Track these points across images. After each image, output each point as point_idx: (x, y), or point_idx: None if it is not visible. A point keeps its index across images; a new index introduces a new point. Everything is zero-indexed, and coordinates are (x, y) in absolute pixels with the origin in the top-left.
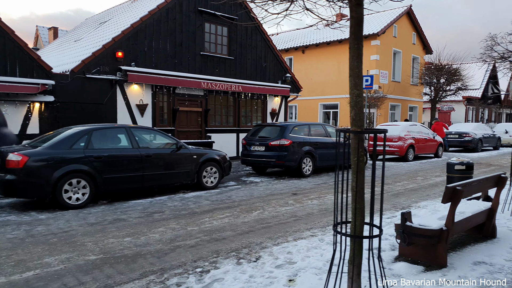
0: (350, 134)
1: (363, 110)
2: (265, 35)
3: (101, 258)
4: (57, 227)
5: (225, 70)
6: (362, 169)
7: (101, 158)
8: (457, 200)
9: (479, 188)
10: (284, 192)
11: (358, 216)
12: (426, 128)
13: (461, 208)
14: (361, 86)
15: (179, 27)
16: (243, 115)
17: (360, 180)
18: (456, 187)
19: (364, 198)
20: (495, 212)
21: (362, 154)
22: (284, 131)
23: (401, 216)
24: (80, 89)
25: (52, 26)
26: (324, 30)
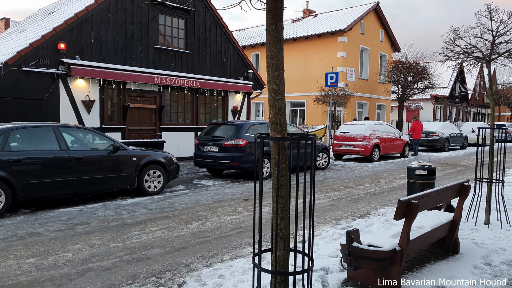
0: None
1: (284, 110)
2: (225, 29)
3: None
4: None
5: (181, 64)
6: (284, 185)
7: (20, 162)
8: (412, 215)
9: (438, 199)
10: (235, 198)
11: (281, 246)
12: (392, 127)
13: (419, 221)
14: (282, 80)
15: (130, 18)
16: (201, 113)
17: (281, 200)
18: (411, 200)
19: (289, 222)
20: (457, 225)
21: (285, 167)
22: (239, 130)
23: (346, 235)
24: (16, 83)
25: (4, 17)
26: (290, 26)
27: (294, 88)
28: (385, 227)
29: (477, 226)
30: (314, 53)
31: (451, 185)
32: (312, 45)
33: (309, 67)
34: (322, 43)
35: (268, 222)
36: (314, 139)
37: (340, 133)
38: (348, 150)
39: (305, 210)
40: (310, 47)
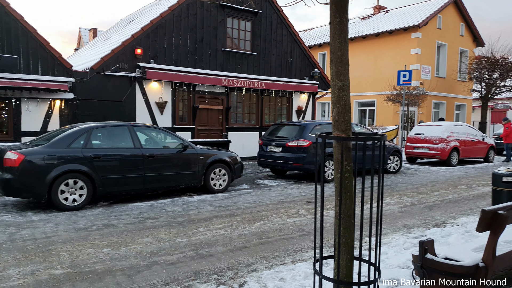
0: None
1: (349, 108)
2: (291, 29)
3: (67, 273)
4: (42, 232)
5: (247, 66)
6: (348, 188)
7: (99, 158)
8: (499, 228)
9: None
10: (298, 200)
11: (343, 254)
12: (473, 128)
13: (508, 235)
14: (346, 75)
15: (200, 23)
16: (266, 113)
17: (345, 205)
18: (497, 211)
19: (353, 229)
20: None
21: (349, 168)
22: (303, 130)
23: (419, 245)
24: (100, 86)
25: (92, 28)
26: (360, 24)
27: (362, 87)
28: (465, 239)
29: None
30: (385, 50)
31: None
32: (383, 43)
33: (379, 66)
34: (393, 40)
35: (331, 226)
36: (382, 139)
37: (413, 135)
38: (423, 153)
39: (371, 216)
40: (381, 45)
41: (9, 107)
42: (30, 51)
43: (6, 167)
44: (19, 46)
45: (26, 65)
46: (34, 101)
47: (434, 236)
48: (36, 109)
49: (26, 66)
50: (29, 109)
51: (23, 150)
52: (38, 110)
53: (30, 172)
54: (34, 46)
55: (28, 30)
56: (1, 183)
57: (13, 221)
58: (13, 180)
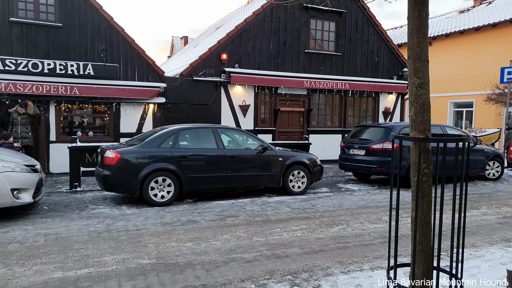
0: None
1: (428, 107)
2: (378, 27)
3: (153, 264)
4: (134, 224)
5: (331, 67)
6: (426, 193)
7: (186, 158)
8: None
9: None
10: (381, 206)
11: (420, 262)
12: None
13: None
14: (425, 73)
15: (283, 26)
16: (350, 115)
17: (422, 209)
18: None
19: (430, 236)
20: None
21: (427, 172)
22: (389, 133)
23: (507, 274)
24: (188, 91)
25: (184, 35)
26: (457, 18)
27: (458, 86)
28: None
29: None
30: (486, 46)
31: None
32: (484, 37)
33: (478, 63)
34: (497, 34)
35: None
36: (466, 141)
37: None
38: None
39: (453, 224)
40: (481, 40)
41: (110, 110)
42: (129, 60)
43: (105, 165)
44: (120, 55)
45: (125, 72)
46: (131, 104)
47: None
48: (133, 112)
49: (125, 73)
50: (127, 112)
51: (119, 149)
52: (134, 113)
53: (125, 169)
54: (132, 55)
55: (127, 41)
56: (102, 179)
57: (110, 213)
58: (111, 176)
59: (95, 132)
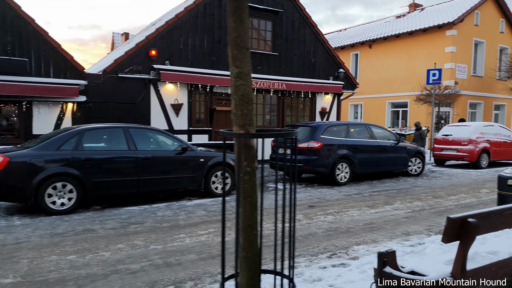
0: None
1: (248, 100)
2: (314, 28)
3: (15, 283)
4: (15, 237)
5: (268, 67)
6: (248, 193)
7: (90, 161)
8: (468, 238)
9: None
10: (301, 204)
11: (244, 270)
12: (507, 129)
13: (495, 245)
14: (244, 61)
15: (217, 23)
16: (288, 115)
17: (245, 212)
18: (466, 218)
19: (256, 240)
20: None
21: (249, 170)
22: (315, 132)
23: (378, 257)
24: (113, 88)
25: (124, 32)
26: (394, 22)
27: (395, 87)
28: (443, 250)
29: None
30: (419, 49)
31: None
32: (417, 41)
33: (412, 65)
34: (427, 39)
35: (343, 227)
36: (289, 136)
37: (441, 136)
38: (450, 155)
39: (278, 230)
40: (414, 44)
41: (20, 110)
42: (42, 54)
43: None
44: (31, 49)
45: (38, 68)
46: (45, 104)
47: (434, 244)
48: (48, 112)
49: (37, 69)
50: (40, 112)
51: (10, 153)
52: (49, 113)
53: (15, 175)
54: (46, 49)
55: (40, 33)
56: None
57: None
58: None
59: (2, 134)
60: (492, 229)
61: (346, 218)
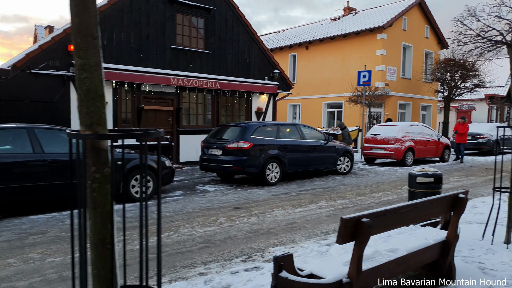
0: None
1: (96, 96)
2: (248, 28)
3: None
4: None
5: (201, 65)
6: (99, 203)
7: None
8: (363, 238)
9: (416, 216)
10: (227, 206)
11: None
12: (429, 128)
13: (394, 242)
14: (90, 52)
15: (145, 19)
16: (223, 115)
17: (95, 224)
18: (361, 218)
19: (111, 255)
20: (451, 247)
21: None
22: (244, 132)
23: (273, 261)
24: (25, 86)
25: (48, 25)
26: (330, 25)
27: (331, 88)
28: (345, 250)
29: (494, 245)
30: (352, 51)
31: (439, 197)
32: (350, 44)
33: (346, 67)
34: (360, 41)
35: (265, 228)
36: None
37: (370, 135)
38: (379, 154)
39: (142, 228)
40: (348, 46)
41: None
42: None
43: None
44: None
45: None
46: None
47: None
48: None
49: None
50: None
51: None
52: None
53: None
54: None
55: None
56: None
57: None
58: None
59: None
60: (388, 228)
61: (269, 219)
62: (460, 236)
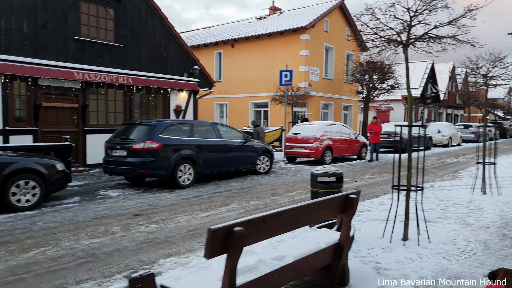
0: None
1: None
2: (165, 21)
3: None
4: None
5: (111, 59)
6: None
7: None
8: (235, 250)
9: (301, 221)
10: (125, 213)
11: None
12: (347, 127)
13: (283, 249)
14: None
15: (41, 5)
16: (137, 113)
17: None
18: (233, 228)
19: None
20: (343, 250)
21: None
22: (152, 131)
23: (129, 284)
24: None
25: None
26: (255, 23)
27: (257, 88)
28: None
29: (393, 243)
30: (277, 51)
31: (328, 199)
32: (275, 43)
33: (271, 66)
34: (284, 41)
35: (156, 238)
36: None
37: (291, 135)
38: (299, 153)
39: None
40: (273, 45)
41: None
42: None
43: None
44: None
45: None
46: None
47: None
48: None
49: None
50: None
51: None
52: None
53: None
54: None
55: None
56: None
57: None
58: None
59: None
60: (268, 236)
61: (171, 226)
62: (363, 234)
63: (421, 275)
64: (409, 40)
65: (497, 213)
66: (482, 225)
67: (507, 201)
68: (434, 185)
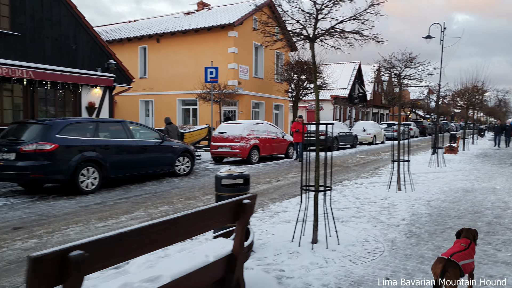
0: None
1: None
2: (73, 10)
3: None
4: None
5: (5, 49)
6: None
7: None
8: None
9: (178, 234)
10: (3, 227)
11: None
12: (274, 126)
13: (165, 265)
14: None
15: None
16: (42, 110)
17: None
18: (68, 252)
19: None
20: (236, 261)
21: None
22: (47, 130)
23: None
24: None
25: None
26: (183, 18)
27: (184, 85)
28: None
29: (301, 247)
30: (205, 48)
31: (213, 206)
32: (203, 40)
33: (199, 63)
34: (212, 38)
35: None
36: None
37: (217, 134)
38: (226, 152)
39: None
40: (201, 42)
41: None
42: None
43: None
44: None
45: None
46: None
47: None
48: None
49: None
50: None
51: None
52: None
53: None
54: None
55: None
56: None
57: None
58: None
59: None
60: (126, 257)
61: (56, 240)
62: (273, 238)
63: (323, 283)
64: (315, 34)
65: (408, 210)
66: (392, 223)
67: (419, 197)
68: (354, 182)
